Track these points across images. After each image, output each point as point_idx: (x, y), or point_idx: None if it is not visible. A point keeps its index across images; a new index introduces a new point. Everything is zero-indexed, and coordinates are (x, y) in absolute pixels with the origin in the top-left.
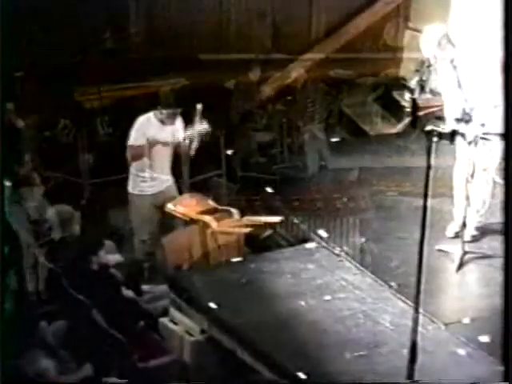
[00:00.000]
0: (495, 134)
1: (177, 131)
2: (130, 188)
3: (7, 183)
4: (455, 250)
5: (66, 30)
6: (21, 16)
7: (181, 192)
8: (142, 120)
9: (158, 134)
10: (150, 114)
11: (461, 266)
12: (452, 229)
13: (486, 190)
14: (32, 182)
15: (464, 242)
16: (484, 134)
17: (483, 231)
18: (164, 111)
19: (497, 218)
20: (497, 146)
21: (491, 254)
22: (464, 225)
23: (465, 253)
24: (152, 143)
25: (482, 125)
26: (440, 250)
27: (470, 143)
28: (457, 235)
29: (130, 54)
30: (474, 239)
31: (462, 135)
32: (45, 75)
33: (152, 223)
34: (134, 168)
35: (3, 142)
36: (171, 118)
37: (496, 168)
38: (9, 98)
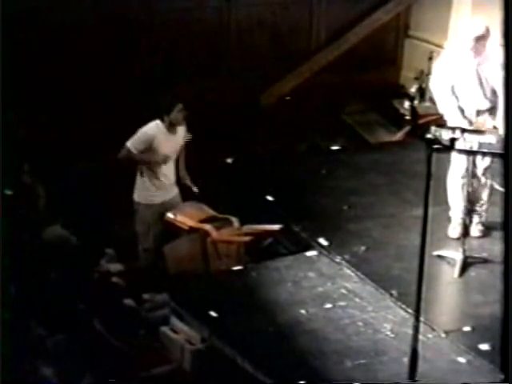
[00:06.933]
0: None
1: (182, 139)
2: (136, 197)
3: (8, 192)
4: (456, 255)
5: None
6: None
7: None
8: (151, 127)
9: (165, 142)
10: (158, 122)
11: (463, 270)
12: (454, 230)
13: (484, 192)
14: (33, 191)
15: (465, 248)
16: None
17: (484, 235)
18: (171, 117)
19: (497, 224)
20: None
21: (492, 259)
22: (465, 228)
23: (466, 257)
24: (157, 152)
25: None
26: (439, 256)
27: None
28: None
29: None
30: (477, 239)
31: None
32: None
33: (157, 232)
34: (140, 176)
35: (4, 150)
36: (177, 124)
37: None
38: (10, 107)
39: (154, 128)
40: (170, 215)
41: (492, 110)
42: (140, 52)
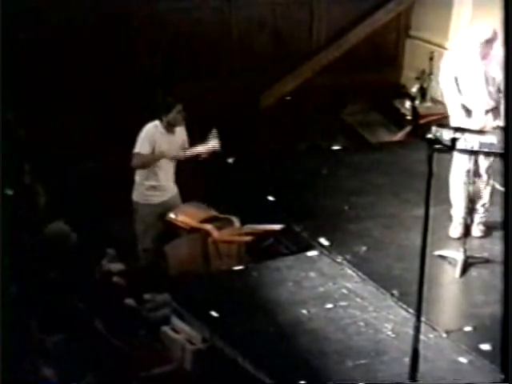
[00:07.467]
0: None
1: (181, 139)
2: (135, 197)
3: (8, 192)
4: (457, 255)
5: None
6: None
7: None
8: (148, 128)
9: (164, 142)
10: (157, 122)
11: (464, 271)
12: (455, 230)
13: (486, 191)
14: (34, 191)
15: (466, 248)
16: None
17: (485, 235)
18: (169, 118)
19: (498, 224)
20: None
21: (493, 259)
22: (466, 228)
23: (467, 257)
24: (158, 151)
25: (483, 133)
26: (440, 256)
27: (471, 150)
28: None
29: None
30: (478, 239)
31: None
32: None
33: (156, 232)
34: (138, 177)
35: (4, 150)
36: (176, 125)
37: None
38: (10, 107)
39: (152, 129)
40: (171, 215)
41: (496, 110)
42: (140, 52)
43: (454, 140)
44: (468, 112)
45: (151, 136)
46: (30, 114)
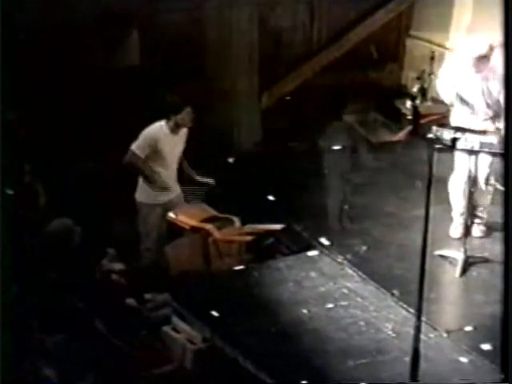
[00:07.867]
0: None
1: (182, 141)
2: (138, 196)
3: (9, 192)
4: (457, 255)
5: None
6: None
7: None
8: (152, 128)
9: (166, 143)
10: (162, 123)
11: (464, 270)
12: (455, 230)
13: (487, 193)
14: (34, 191)
15: (466, 248)
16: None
17: (485, 235)
18: (178, 118)
19: (498, 224)
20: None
21: (493, 258)
22: (467, 228)
23: (467, 257)
24: (160, 153)
25: (484, 133)
26: (441, 256)
27: (471, 150)
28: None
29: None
30: (478, 239)
31: (464, 142)
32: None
33: (159, 232)
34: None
35: (4, 150)
36: (183, 126)
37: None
38: (11, 107)
39: (157, 129)
40: (171, 215)
41: (495, 118)
42: (140, 52)
43: (454, 140)
44: (468, 118)
45: (154, 136)
46: (30, 113)
